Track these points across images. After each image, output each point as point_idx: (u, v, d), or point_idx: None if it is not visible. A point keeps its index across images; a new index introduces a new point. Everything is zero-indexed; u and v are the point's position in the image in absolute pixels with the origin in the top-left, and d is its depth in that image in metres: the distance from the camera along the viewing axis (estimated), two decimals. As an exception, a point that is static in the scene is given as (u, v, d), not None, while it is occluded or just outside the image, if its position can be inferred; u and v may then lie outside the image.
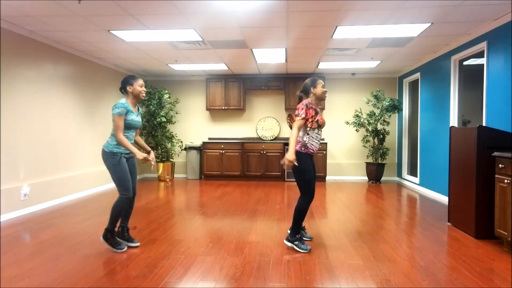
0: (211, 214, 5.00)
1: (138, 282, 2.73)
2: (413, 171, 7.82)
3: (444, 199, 5.91)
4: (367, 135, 8.18)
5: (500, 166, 3.51)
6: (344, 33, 5.08)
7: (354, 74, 8.65)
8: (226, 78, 8.64)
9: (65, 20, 4.55)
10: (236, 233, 4.07)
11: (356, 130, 8.21)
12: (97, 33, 5.12)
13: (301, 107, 3.39)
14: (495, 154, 3.58)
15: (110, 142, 3.38)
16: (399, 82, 8.52)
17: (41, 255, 3.32)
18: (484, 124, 4.82)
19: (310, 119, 3.40)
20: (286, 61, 7.07)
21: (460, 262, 3.17)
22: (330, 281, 2.78)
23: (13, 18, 4.47)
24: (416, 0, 3.88)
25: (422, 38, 5.35)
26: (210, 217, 4.83)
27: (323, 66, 7.58)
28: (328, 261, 3.20)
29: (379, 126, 8.14)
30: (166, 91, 8.39)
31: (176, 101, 8.63)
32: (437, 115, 6.37)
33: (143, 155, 3.30)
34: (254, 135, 9.01)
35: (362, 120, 7.97)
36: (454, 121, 5.78)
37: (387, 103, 7.75)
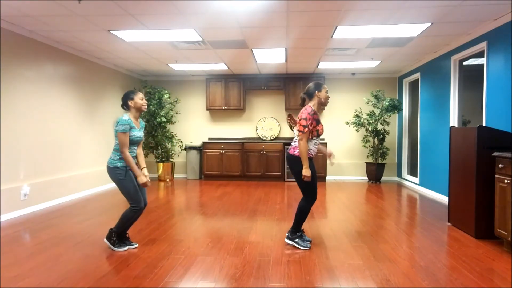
0: (211, 214, 5.00)
1: (138, 282, 2.73)
2: (413, 171, 7.82)
3: (444, 199, 5.91)
4: (367, 135, 8.18)
5: (500, 166, 3.51)
6: (344, 33, 5.08)
7: (354, 74, 8.65)
8: (226, 78, 8.64)
9: (65, 20, 4.55)
10: (236, 233, 4.07)
11: (356, 130, 8.21)
12: (97, 33, 5.12)
13: (308, 117, 3.35)
14: (495, 154, 3.58)
15: (113, 158, 3.39)
16: (399, 82, 8.53)
17: (41, 255, 3.32)
18: (484, 124, 4.82)
19: (312, 129, 3.43)
20: (286, 61, 7.07)
21: (460, 262, 3.17)
22: (330, 281, 2.78)
23: (13, 18, 4.48)
24: (416, 0, 3.88)
25: (422, 38, 5.35)
26: (210, 217, 4.83)
27: (323, 66, 7.58)
28: (328, 261, 3.20)
29: (379, 126, 8.14)
30: (166, 91, 8.39)
31: (176, 101, 8.63)
32: (437, 115, 6.37)
33: (144, 180, 3.35)
34: (254, 135, 9.01)
35: (362, 120, 7.97)
36: (454, 121, 5.78)
37: (387, 103, 7.75)
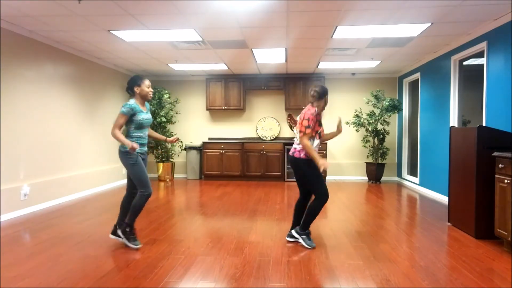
0: (211, 214, 5.00)
1: (138, 282, 2.73)
2: (413, 171, 7.82)
3: (444, 199, 5.91)
4: (367, 135, 8.18)
5: (500, 166, 3.51)
6: (344, 33, 5.08)
7: (354, 74, 8.65)
8: (226, 78, 8.64)
9: (65, 20, 4.55)
10: (236, 233, 4.07)
11: (356, 130, 8.21)
12: (97, 33, 5.12)
13: (311, 118, 3.44)
14: (495, 154, 3.58)
15: None
16: (399, 82, 8.52)
17: (41, 255, 3.32)
18: (484, 124, 4.81)
19: (313, 130, 3.50)
20: (286, 61, 7.07)
21: (460, 262, 3.17)
22: (330, 281, 2.78)
23: (13, 18, 4.48)
24: (416, 0, 3.88)
25: (422, 38, 5.35)
26: (210, 217, 4.83)
27: (323, 66, 7.58)
28: (328, 261, 3.20)
29: (379, 126, 8.14)
30: (166, 91, 8.39)
31: (176, 101, 8.63)
32: (437, 115, 6.37)
33: (130, 144, 3.26)
34: (254, 135, 9.01)
35: (362, 120, 7.97)
36: (454, 121, 5.78)
37: (387, 103, 7.75)
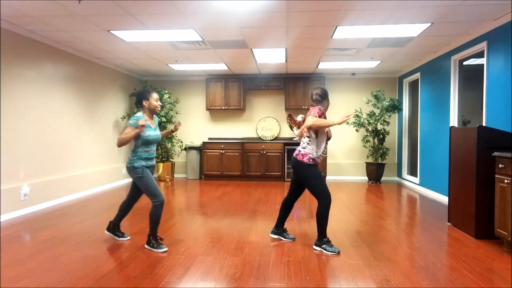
0: (211, 214, 5.00)
1: (138, 282, 2.73)
2: (413, 171, 7.82)
3: (444, 199, 5.91)
4: (367, 135, 8.18)
5: (500, 166, 3.51)
6: (344, 33, 5.07)
7: (354, 74, 8.65)
8: (226, 78, 8.64)
9: (65, 20, 4.55)
10: (236, 233, 4.07)
11: (356, 130, 8.21)
12: (97, 33, 5.12)
13: (318, 113, 3.45)
14: (495, 154, 3.57)
15: (130, 158, 3.49)
16: (399, 82, 8.52)
17: (41, 255, 3.32)
18: (484, 124, 4.81)
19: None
20: (286, 61, 7.07)
21: (460, 262, 3.17)
22: (330, 281, 2.78)
23: (13, 18, 4.47)
24: (416, 0, 3.88)
25: (422, 38, 5.35)
26: (210, 217, 4.83)
27: (323, 66, 7.58)
28: (328, 261, 3.20)
29: (379, 126, 8.14)
30: (166, 91, 8.39)
31: (176, 101, 8.63)
32: (437, 115, 6.37)
33: (136, 130, 3.33)
34: (254, 135, 9.01)
35: (362, 120, 7.97)
36: (454, 121, 5.78)
37: (387, 103, 7.75)
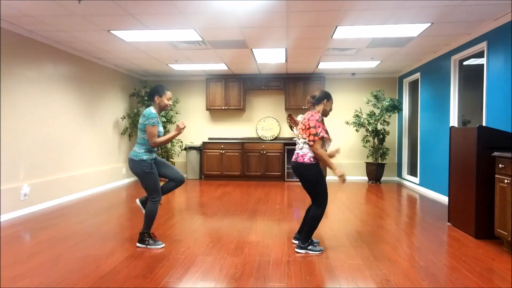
0: (211, 214, 5.00)
1: (138, 282, 2.73)
2: (413, 171, 7.82)
3: (444, 199, 5.91)
4: (367, 135, 8.18)
5: (500, 166, 3.51)
6: (344, 33, 5.07)
7: (354, 74, 8.65)
8: (226, 78, 8.64)
9: (65, 20, 4.55)
10: (236, 233, 4.07)
11: (356, 130, 8.21)
12: (97, 33, 5.12)
13: (317, 125, 3.33)
14: (495, 154, 3.58)
15: (137, 151, 3.44)
16: (399, 82, 8.52)
17: (41, 255, 3.32)
18: (484, 124, 4.81)
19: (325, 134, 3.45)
20: (286, 61, 7.07)
21: (460, 262, 3.17)
22: (330, 281, 2.78)
23: (13, 18, 4.47)
24: (416, 0, 3.88)
25: (422, 38, 5.35)
26: (210, 217, 4.83)
27: (323, 66, 7.58)
28: (328, 261, 3.20)
29: (379, 126, 8.14)
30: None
31: (176, 101, 8.63)
32: (437, 115, 6.37)
33: (180, 125, 3.45)
34: (254, 135, 9.01)
35: (362, 120, 7.97)
36: (454, 121, 5.78)
37: (387, 103, 7.75)
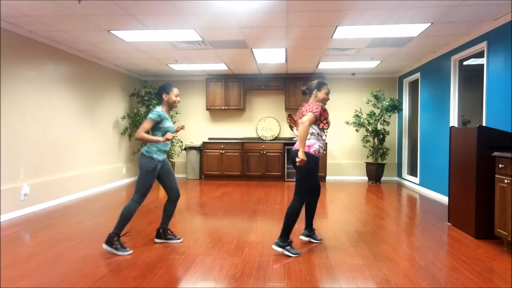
0: (211, 214, 5.00)
1: (138, 282, 2.73)
2: (413, 171, 7.82)
3: (444, 199, 5.91)
4: (367, 135, 8.18)
5: (500, 166, 3.51)
6: (344, 33, 5.07)
7: (354, 74, 8.65)
8: (226, 78, 8.64)
9: (65, 20, 4.55)
10: (236, 233, 4.07)
11: (356, 130, 8.21)
12: (97, 33, 5.12)
13: (315, 106, 3.33)
14: (495, 154, 3.58)
15: (150, 147, 3.45)
16: (399, 82, 8.52)
17: (41, 255, 3.32)
18: (484, 124, 4.81)
19: (324, 121, 3.41)
20: (286, 61, 7.07)
21: (460, 262, 3.17)
22: (330, 281, 2.78)
23: (13, 18, 4.47)
24: (416, 0, 3.88)
25: (422, 38, 5.35)
26: (210, 217, 4.83)
27: (323, 66, 7.58)
28: (328, 261, 3.20)
29: (379, 126, 8.14)
30: (166, 91, 8.38)
31: (176, 101, 8.61)
32: (437, 115, 6.37)
33: (168, 136, 3.38)
34: (254, 135, 9.01)
35: (362, 120, 7.97)
36: (454, 121, 5.78)
37: (387, 103, 7.75)
